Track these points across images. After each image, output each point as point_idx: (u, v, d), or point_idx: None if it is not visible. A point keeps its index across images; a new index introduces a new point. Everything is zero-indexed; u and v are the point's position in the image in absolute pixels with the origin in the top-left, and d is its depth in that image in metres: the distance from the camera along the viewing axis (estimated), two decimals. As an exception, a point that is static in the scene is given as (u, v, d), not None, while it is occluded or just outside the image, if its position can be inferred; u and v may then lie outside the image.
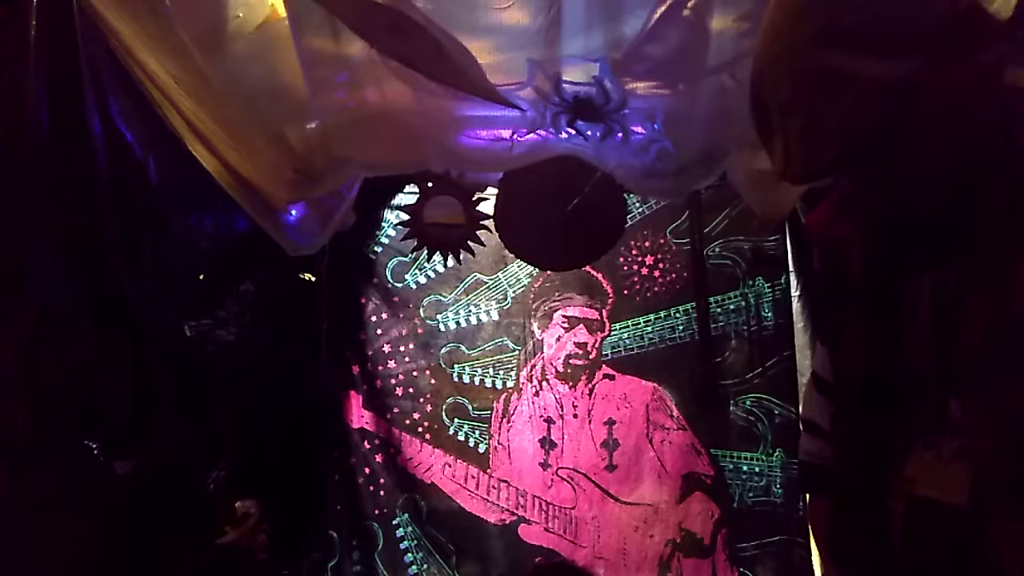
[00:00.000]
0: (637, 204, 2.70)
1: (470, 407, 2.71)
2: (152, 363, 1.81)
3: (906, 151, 0.92)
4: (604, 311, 2.72)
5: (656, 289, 2.71)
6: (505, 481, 2.68)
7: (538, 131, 1.87)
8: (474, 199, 2.35)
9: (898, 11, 0.89)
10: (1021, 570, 0.91)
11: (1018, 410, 0.91)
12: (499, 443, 2.71)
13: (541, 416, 2.70)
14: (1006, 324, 0.92)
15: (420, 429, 2.70)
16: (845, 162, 0.97)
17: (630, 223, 2.60)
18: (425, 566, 2.68)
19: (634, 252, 2.71)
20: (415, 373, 2.72)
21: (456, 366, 2.73)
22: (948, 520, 1.01)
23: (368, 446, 2.69)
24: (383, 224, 2.73)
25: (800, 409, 2.46)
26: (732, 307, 2.68)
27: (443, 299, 2.74)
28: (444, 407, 2.72)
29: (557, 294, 2.73)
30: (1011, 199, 0.93)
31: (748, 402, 2.65)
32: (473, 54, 1.61)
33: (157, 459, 1.82)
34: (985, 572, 0.95)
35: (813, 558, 2.50)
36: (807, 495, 1.73)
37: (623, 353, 2.71)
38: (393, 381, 2.72)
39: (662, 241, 2.72)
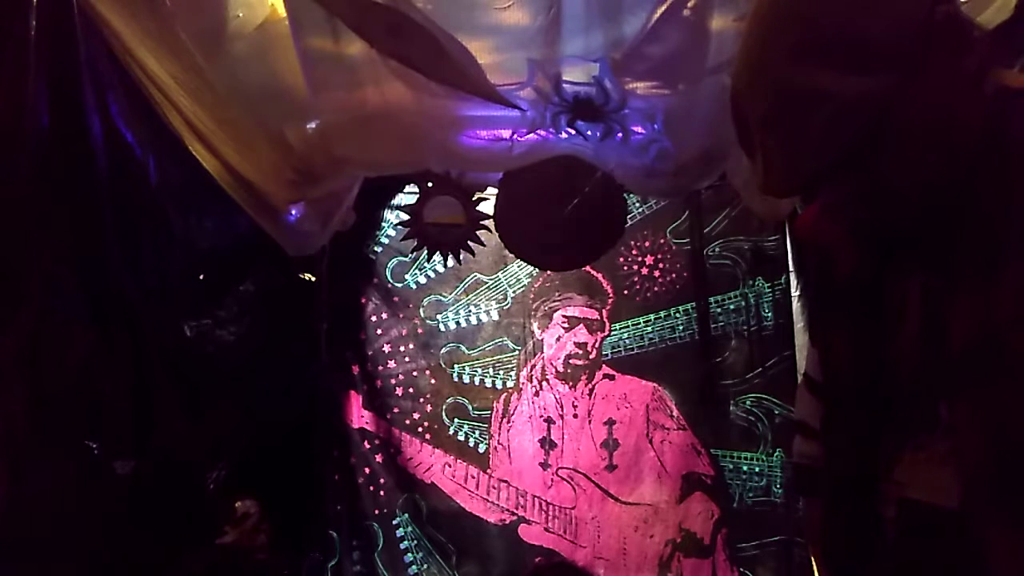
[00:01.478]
0: (637, 204, 2.70)
1: (470, 407, 2.71)
2: (152, 363, 1.81)
3: (888, 161, 0.92)
4: (604, 311, 2.72)
5: (656, 289, 2.71)
6: (505, 481, 2.68)
7: (538, 131, 1.88)
8: (474, 199, 2.35)
9: (873, 25, 0.88)
10: (1011, 573, 0.91)
11: (1006, 413, 0.91)
12: (499, 443, 2.71)
13: (541, 416, 2.70)
14: (994, 327, 0.91)
15: (420, 429, 2.70)
16: (824, 175, 0.97)
17: (630, 223, 2.59)
18: (425, 566, 2.68)
19: (634, 252, 2.71)
20: (415, 373, 2.72)
21: (456, 366, 2.73)
22: (939, 523, 1.01)
23: (368, 446, 2.69)
24: (383, 224, 2.73)
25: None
26: (732, 307, 2.68)
27: (443, 299, 2.74)
28: (444, 407, 2.72)
29: (557, 294, 2.73)
30: (1000, 202, 0.92)
31: (748, 402, 2.65)
32: (473, 54, 1.61)
33: (157, 459, 1.82)
34: (976, 574, 0.94)
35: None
36: (800, 495, 1.73)
37: (623, 353, 2.71)
38: (393, 381, 2.72)
39: (662, 241, 2.72)
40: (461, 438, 2.71)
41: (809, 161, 0.94)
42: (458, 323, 2.74)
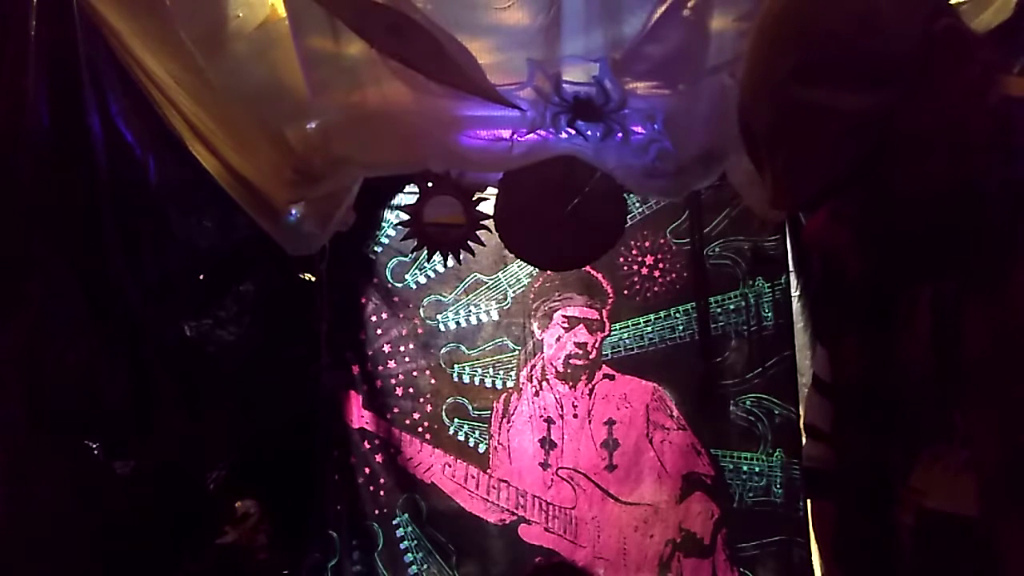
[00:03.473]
0: (637, 204, 2.70)
1: (470, 407, 2.71)
2: (152, 363, 1.81)
3: (895, 172, 0.92)
4: (604, 311, 2.72)
5: (656, 289, 2.71)
6: (505, 481, 2.68)
7: (538, 131, 1.88)
8: (474, 199, 2.35)
9: (874, 40, 0.88)
10: None
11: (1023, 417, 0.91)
12: (499, 443, 2.70)
13: (541, 416, 2.70)
14: (1010, 333, 0.91)
15: (420, 429, 2.70)
16: (831, 191, 0.98)
17: (630, 223, 2.59)
18: (425, 566, 2.67)
19: (634, 252, 2.71)
20: (415, 373, 2.72)
21: (456, 366, 2.72)
22: (959, 531, 1.00)
23: (368, 446, 2.69)
24: (383, 224, 2.72)
25: (801, 411, 2.47)
26: (732, 307, 2.68)
27: (443, 299, 2.74)
28: (444, 407, 2.72)
29: (557, 294, 2.73)
30: (1010, 207, 0.92)
31: (748, 402, 2.65)
32: (473, 54, 1.61)
33: (157, 459, 1.82)
34: None
35: (813, 558, 2.50)
36: (810, 499, 1.73)
37: (623, 353, 2.71)
38: (393, 381, 2.72)
39: (662, 241, 2.72)
40: (461, 438, 2.71)
41: (817, 177, 0.95)
42: (458, 323, 2.73)
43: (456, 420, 2.71)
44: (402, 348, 2.73)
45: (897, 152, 0.90)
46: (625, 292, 2.71)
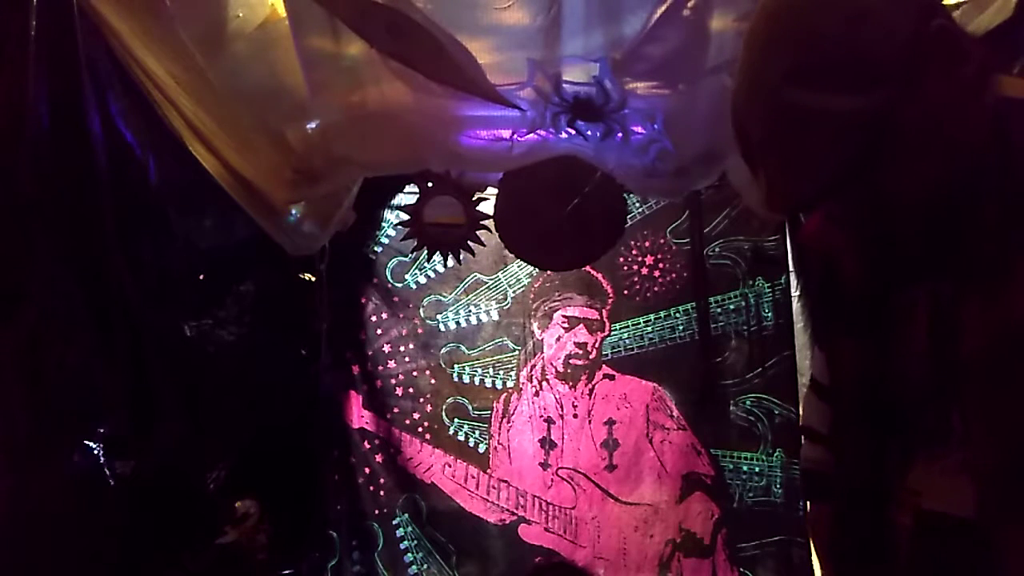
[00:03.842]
0: (637, 204, 2.70)
1: (470, 407, 2.71)
2: (152, 363, 1.81)
3: (890, 175, 0.92)
4: (604, 311, 2.72)
5: (656, 289, 2.71)
6: (505, 481, 2.68)
7: (538, 131, 1.88)
8: (474, 199, 2.35)
9: (866, 43, 0.88)
10: None
11: (1021, 418, 0.91)
12: (499, 443, 2.71)
13: (541, 416, 2.70)
14: (1006, 333, 0.91)
15: (420, 429, 2.70)
16: (825, 193, 0.98)
17: (630, 223, 2.59)
18: (425, 566, 2.68)
19: (634, 252, 2.71)
20: (415, 373, 2.72)
21: (456, 366, 2.72)
22: (958, 533, 1.00)
23: (368, 446, 2.69)
24: (383, 224, 2.73)
25: (800, 412, 2.47)
26: (732, 307, 2.68)
27: (443, 299, 2.74)
28: (444, 407, 2.72)
29: (557, 294, 2.73)
30: (1005, 206, 0.92)
31: (748, 402, 2.65)
32: (473, 54, 1.61)
33: (157, 459, 1.81)
34: None
35: (813, 558, 2.49)
36: (808, 500, 1.73)
37: (623, 353, 2.71)
38: (393, 381, 2.72)
39: (662, 241, 2.72)
40: (461, 438, 2.71)
41: (810, 179, 0.95)
42: (458, 323, 2.74)
43: (456, 420, 2.71)
44: (402, 348, 2.73)
45: (891, 153, 0.90)
46: (625, 292, 2.71)
